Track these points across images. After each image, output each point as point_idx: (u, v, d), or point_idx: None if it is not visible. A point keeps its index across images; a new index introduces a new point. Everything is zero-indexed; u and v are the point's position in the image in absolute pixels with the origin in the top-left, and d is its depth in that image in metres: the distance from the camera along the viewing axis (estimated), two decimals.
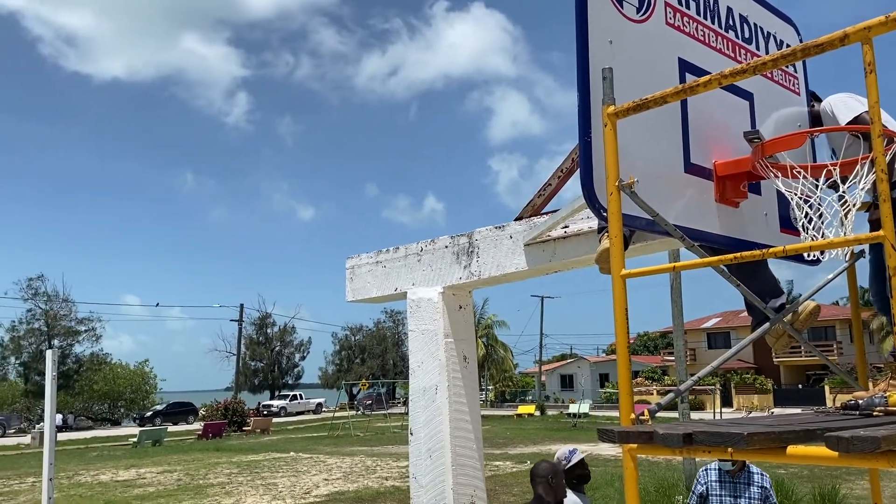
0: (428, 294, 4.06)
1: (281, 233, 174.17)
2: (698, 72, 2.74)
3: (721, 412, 37.11)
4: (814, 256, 2.78)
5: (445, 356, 3.91)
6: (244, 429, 37.59)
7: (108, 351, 54.18)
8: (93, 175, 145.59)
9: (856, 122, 2.79)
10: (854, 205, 2.40)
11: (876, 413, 2.05)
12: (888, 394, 2.09)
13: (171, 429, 38.11)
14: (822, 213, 2.46)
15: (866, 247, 2.79)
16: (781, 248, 2.00)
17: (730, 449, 1.76)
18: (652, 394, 44.87)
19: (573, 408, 39.36)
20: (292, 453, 24.29)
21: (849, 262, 2.83)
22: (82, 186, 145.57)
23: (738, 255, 2.04)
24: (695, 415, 27.06)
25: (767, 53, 3.12)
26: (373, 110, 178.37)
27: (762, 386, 47.66)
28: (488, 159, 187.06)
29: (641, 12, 2.63)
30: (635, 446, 1.99)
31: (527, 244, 3.64)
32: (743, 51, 3.06)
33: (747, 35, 3.10)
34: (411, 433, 4.01)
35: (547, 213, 3.62)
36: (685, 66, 2.75)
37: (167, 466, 20.99)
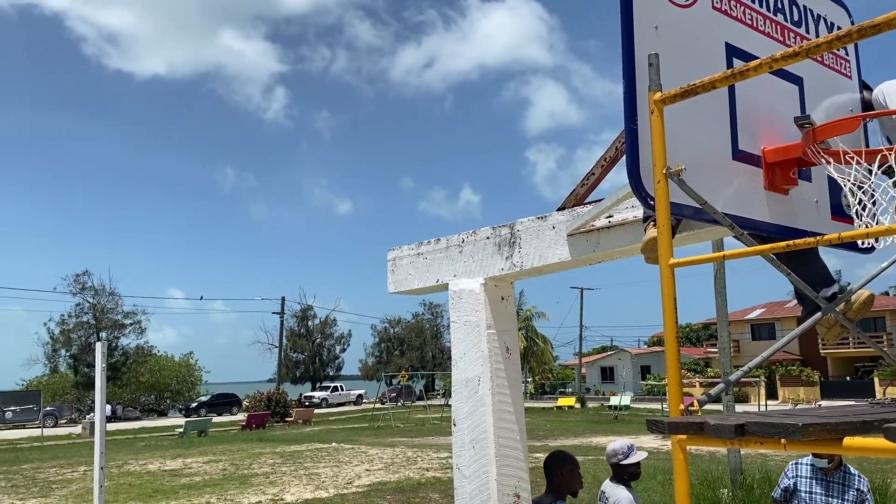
0: (469, 285, 4.06)
1: (320, 226, 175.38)
2: (746, 56, 2.68)
3: (766, 405, 36.51)
4: (868, 244, 2.70)
5: (488, 347, 3.90)
6: (287, 419, 38.15)
7: (152, 343, 55.29)
8: (137, 171, 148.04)
9: None
10: None
11: None
12: None
13: (216, 419, 38.84)
14: (876, 199, 2.39)
15: None
16: (836, 234, 1.94)
17: (783, 440, 1.72)
18: (694, 386, 44.30)
19: (614, 400, 39.13)
20: (334, 444, 24.58)
21: None
22: (126, 182, 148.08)
23: (790, 242, 1.99)
24: (739, 407, 26.63)
25: (817, 37, 3.04)
26: (408, 103, 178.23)
27: (808, 378, 46.77)
28: (525, 150, 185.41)
29: None
30: (685, 437, 1.95)
31: (570, 234, 3.61)
32: (792, 34, 2.98)
33: (796, 18, 3.03)
34: (454, 424, 4.01)
35: (590, 203, 3.59)
36: (732, 51, 2.70)
37: (212, 456, 21.40)
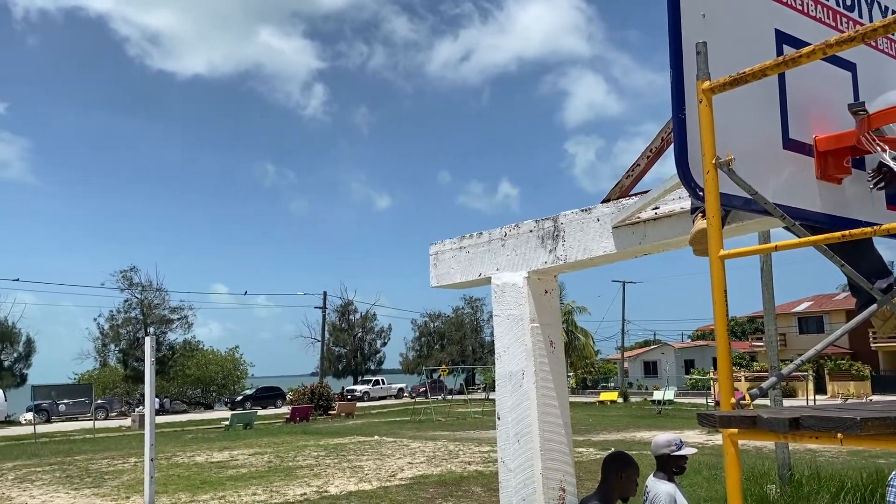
0: (513, 279, 4.05)
1: (359, 222, 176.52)
2: (797, 43, 2.62)
3: (814, 399, 35.73)
4: None
5: (531, 341, 3.89)
6: (330, 413, 38.58)
7: (198, 338, 56.38)
8: (180, 169, 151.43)
9: None
10: None
11: None
12: None
13: (261, 412, 39.49)
14: None
15: None
16: (895, 224, 1.89)
17: (840, 434, 1.68)
18: (739, 380, 43.55)
19: (658, 395, 38.70)
20: (376, 437, 24.78)
21: None
22: (171, 180, 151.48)
23: (846, 232, 1.94)
24: (786, 402, 26.11)
25: (871, 21, 2.95)
26: (445, 97, 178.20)
27: (859, 372, 45.61)
28: (564, 142, 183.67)
29: None
30: (736, 431, 1.92)
31: (615, 227, 3.58)
32: (844, 19, 2.90)
33: (849, 2, 2.94)
34: (498, 418, 4.01)
35: (636, 195, 3.55)
36: (782, 38, 2.63)
37: (258, 449, 21.76)
